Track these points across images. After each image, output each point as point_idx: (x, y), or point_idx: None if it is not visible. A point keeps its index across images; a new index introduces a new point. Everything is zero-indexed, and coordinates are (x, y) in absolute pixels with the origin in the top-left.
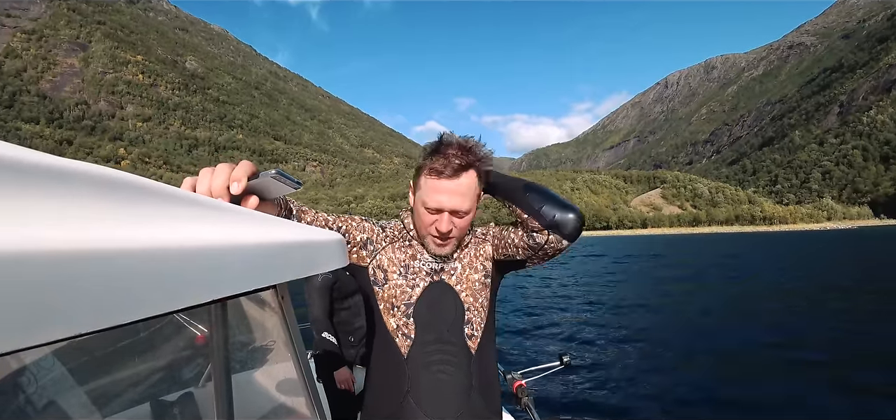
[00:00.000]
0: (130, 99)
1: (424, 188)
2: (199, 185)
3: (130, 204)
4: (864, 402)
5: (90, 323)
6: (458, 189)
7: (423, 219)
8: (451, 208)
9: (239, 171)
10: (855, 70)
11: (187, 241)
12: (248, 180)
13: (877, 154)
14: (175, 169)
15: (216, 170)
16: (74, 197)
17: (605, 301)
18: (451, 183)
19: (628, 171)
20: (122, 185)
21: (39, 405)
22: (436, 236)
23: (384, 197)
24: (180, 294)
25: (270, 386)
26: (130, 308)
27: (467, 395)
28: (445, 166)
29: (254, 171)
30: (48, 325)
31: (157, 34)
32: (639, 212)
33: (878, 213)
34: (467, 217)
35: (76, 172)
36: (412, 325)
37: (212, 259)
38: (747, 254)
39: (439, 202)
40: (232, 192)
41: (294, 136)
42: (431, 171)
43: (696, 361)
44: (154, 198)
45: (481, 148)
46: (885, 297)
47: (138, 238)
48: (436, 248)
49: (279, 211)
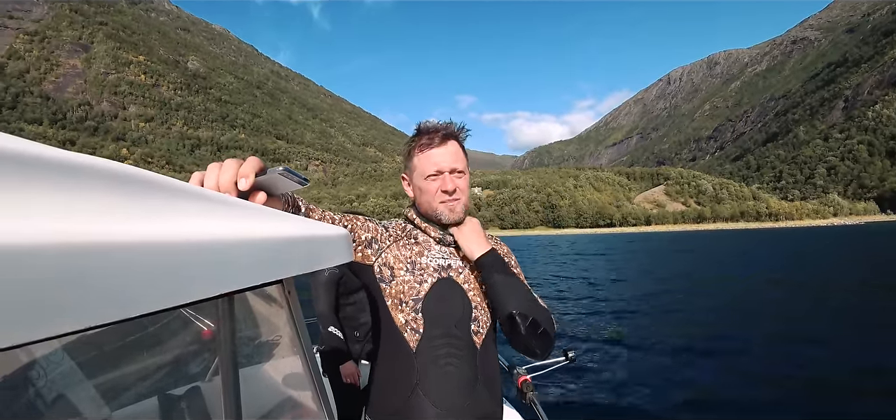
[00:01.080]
0: (133, 99)
1: (419, 165)
2: (207, 180)
3: (138, 198)
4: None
5: (98, 317)
6: (448, 151)
7: (427, 191)
8: (449, 167)
9: (247, 166)
10: (860, 64)
11: (195, 236)
12: (256, 176)
13: (883, 149)
14: (178, 169)
15: (224, 165)
16: (82, 190)
17: (610, 298)
18: (442, 149)
19: (631, 168)
20: (129, 180)
21: (49, 399)
22: (444, 201)
23: (386, 195)
24: (188, 288)
25: (277, 380)
26: (138, 302)
27: (473, 387)
28: (433, 138)
29: (261, 167)
30: (57, 319)
31: (159, 34)
32: (642, 209)
33: (884, 209)
34: (465, 176)
35: (83, 166)
36: (421, 320)
37: (219, 253)
38: (754, 250)
39: (438, 165)
40: (240, 188)
41: (296, 135)
42: (421, 146)
43: (701, 359)
44: (162, 192)
45: (456, 126)
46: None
47: (146, 232)
48: (449, 214)
49: (287, 207)
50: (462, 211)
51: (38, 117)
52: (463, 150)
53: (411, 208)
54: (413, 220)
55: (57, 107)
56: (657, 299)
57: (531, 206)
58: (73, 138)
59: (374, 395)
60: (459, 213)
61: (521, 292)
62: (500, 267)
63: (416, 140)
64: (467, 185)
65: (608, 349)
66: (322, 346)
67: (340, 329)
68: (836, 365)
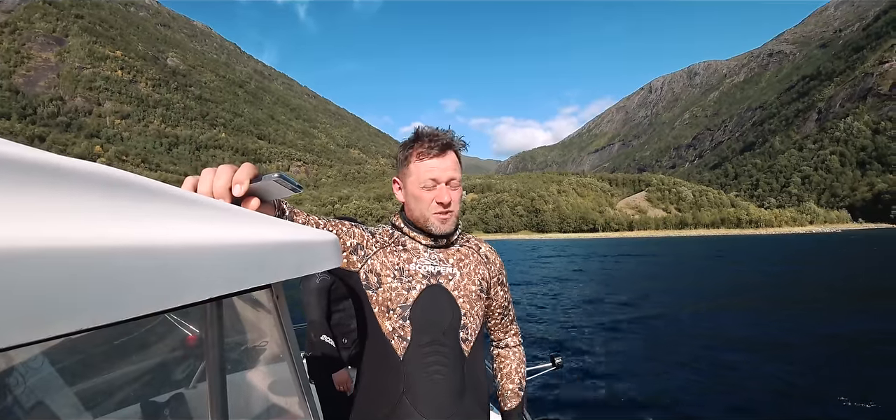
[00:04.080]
0: (108, 95)
1: (416, 172)
2: (201, 186)
3: (126, 202)
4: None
5: (84, 321)
6: (447, 163)
7: (422, 200)
8: (445, 179)
9: (241, 173)
10: (832, 78)
11: (183, 240)
12: (251, 182)
13: (853, 160)
14: (154, 167)
15: (218, 170)
16: (69, 194)
17: (596, 303)
18: (440, 159)
19: (613, 174)
20: (117, 183)
21: (27, 406)
22: (438, 212)
23: (370, 197)
24: (175, 292)
25: (264, 386)
26: (124, 306)
27: (461, 395)
28: (433, 146)
29: (256, 173)
30: (41, 324)
31: (138, 29)
32: (625, 215)
33: (855, 218)
34: (459, 188)
35: (71, 170)
36: (408, 328)
37: (207, 258)
38: (736, 255)
39: (435, 175)
40: (234, 194)
41: (278, 135)
42: (420, 154)
43: (687, 363)
44: (150, 196)
45: (453, 135)
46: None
47: (133, 236)
48: (440, 226)
49: (273, 212)
50: (453, 224)
51: (7, 112)
52: (459, 161)
53: (398, 214)
54: (401, 227)
55: (27, 101)
56: (643, 304)
57: (515, 211)
58: (43, 134)
59: (360, 402)
60: (451, 225)
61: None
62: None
63: (414, 145)
64: (460, 196)
65: (595, 355)
66: (310, 352)
67: (332, 337)
68: (841, 367)
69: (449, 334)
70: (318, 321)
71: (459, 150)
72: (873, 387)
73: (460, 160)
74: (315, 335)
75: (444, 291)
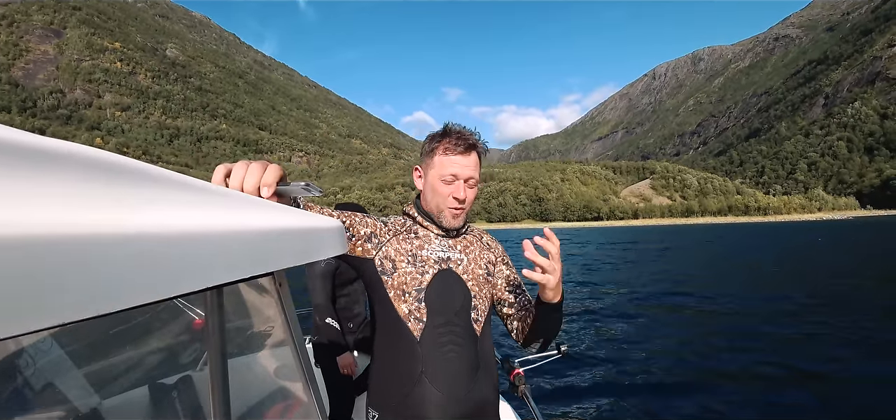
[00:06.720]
0: (108, 87)
1: (439, 165)
2: (233, 179)
3: (129, 188)
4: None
5: (86, 310)
6: (469, 161)
7: (439, 192)
8: (465, 177)
9: (270, 176)
10: (839, 62)
11: (184, 227)
12: (278, 185)
13: (861, 145)
14: (155, 159)
15: (251, 167)
16: (71, 180)
17: (603, 292)
18: (465, 157)
19: (617, 161)
20: (120, 170)
21: (37, 387)
22: (453, 206)
23: (372, 187)
24: (176, 281)
25: (268, 370)
26: (125, 295)
27: (474, 372)
28: (459, 143)
29: (283, 175)
30: (43, 312)
31: (136, 21)
32: (629, 203)
33: (863, 204)
34: (475, 188)
35: (72, 154)
36: (424, 309)
37: (209, 245)
38: (745, 241)
39: (456, 172)
40: (262, 196)
41: (279, 125)
42: (447, 149)
43: (694, 354)
44: (152, 182)
45: (478, 137)
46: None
47: (135, 223)
48: (451, 220)
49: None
50: (463, 220)
51: (7, 105)
52: (480, 163)
53: (413, 204)
54: (414, 216)
55: (27, 94)
56: (650, 294)
57: (518, 200)
58: (43, 127)
59: (377, 384)
60: (461, 221)
61: (559, 325)
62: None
63: (441, 139)
64: (475, 196)
65: (601, 343)
66: (315, 336)
67: (337, 320)
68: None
69: (461, 314)
70: (323, 305)
71: (482, 154)
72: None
73: (481, 163)
74: (320, 318)
75: (455, 275)
